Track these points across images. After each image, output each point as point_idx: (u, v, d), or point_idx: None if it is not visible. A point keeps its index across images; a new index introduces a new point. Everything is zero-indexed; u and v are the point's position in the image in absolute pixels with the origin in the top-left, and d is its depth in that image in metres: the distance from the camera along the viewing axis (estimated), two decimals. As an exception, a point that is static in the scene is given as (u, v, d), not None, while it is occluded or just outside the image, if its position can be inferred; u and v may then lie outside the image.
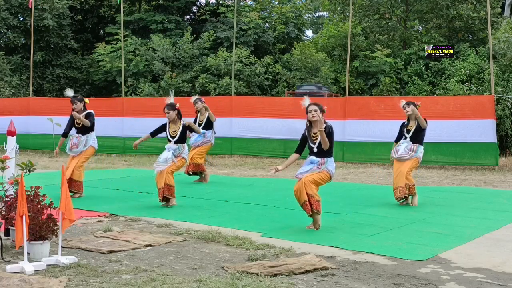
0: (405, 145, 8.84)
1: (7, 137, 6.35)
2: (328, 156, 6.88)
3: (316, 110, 6.80)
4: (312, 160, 6.90)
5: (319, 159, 6.85)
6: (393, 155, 8.96)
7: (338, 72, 22.04)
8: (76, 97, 9.47)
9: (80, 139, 9.34)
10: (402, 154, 8.80)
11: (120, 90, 21.92)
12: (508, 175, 13.57)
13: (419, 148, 8.84)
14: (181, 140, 8.74)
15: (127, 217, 7.62)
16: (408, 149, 8.80)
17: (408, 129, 8.91)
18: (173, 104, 8.76)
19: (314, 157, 6.89)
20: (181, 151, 8.70)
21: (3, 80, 23.20)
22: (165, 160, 8.57)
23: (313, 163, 6.86)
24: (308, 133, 6.97)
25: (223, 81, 21.58)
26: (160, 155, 8.73)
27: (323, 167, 6.83)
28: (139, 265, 5.14)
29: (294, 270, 4.98)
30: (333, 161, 6.97)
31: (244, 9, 25.95)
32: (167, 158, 8.56)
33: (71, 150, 9.37)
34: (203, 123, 11.39)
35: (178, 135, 8.69)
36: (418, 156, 8.86)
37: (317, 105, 6.85)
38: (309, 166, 6.87)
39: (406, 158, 8.77)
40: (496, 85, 17.78)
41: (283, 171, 13.84)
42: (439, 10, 22.30)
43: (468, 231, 6.87)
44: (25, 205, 5.02)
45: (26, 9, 23.75)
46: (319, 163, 6.83)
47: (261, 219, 7.59)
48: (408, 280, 4.84)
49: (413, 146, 8.80)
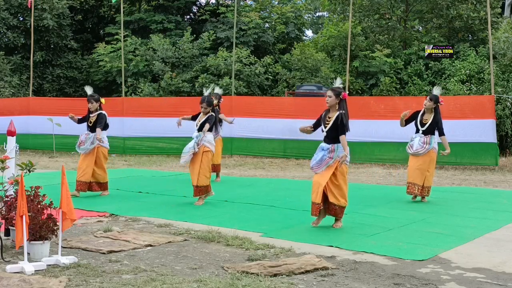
0: (418, 139, 8.96)
1: (7, 137, 6.35)
2: (339, 142, 6.91)
3: (331, 96, 6.92)
4: (322, 147, 6.96)
5: (329, 146, 6.90)
6: (409, 150, 9.08)
7: (338, 72, 22.03)
8: (93, 96, 9.63)
9: (88, 136, 9.44)
10: (418, 149, 8.91)
11: (120, 90, 21.92)
12: (508, 175, 13.57)
13: (432, 139, 8.97)
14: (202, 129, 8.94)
15: (127, 217, 7.62)
16: (422, 142, 8.93)
17: (423, 122, 9.00)
18: (212, 101, 9.08)
19: (325, 143, 6.96)
20: (201, 137, 8.82)
21: (3, 80, 23.20)
22: (188, 149, 8.74)
23: (323, 150, 6.91)
24: (324, 116, 7.06)
25: (223, 81, 21.57)
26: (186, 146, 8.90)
27: (334, 155, 6.85)
28: (139, 265, 5.14)
29: (294, 270, 4.98)
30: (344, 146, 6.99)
31: (244, 9, 25.95)
32: (190, 147, 8.74)
33: (79, 147, 9.50)
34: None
35: (200, 124, 8.94)
36: (434, 148, 9.00)
37: (333, 91, 6.96)
38: (320, 153, 6.92)
39: (422, 152, 8.92)
40: (496, 85, 17.79)
41: (284, 172, 13.87)
42: (439, 10, 22.30)
43: (468, 231, 6.87)
44: (25, 205, 5.02)
45: (26, 9, 23.75)
46: (329, 150, 6.87)
47: (261, 219, 7.59)
48: (408, 280, 4.84)
49: (426, 138, 8.97)
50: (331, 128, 6.89)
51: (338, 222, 7.01)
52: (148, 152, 17.93)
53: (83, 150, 9.43)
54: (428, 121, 8.96)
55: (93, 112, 9.58)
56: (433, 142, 8.99)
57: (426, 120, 8.98)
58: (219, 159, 11.60)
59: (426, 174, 8.99)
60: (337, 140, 6.91)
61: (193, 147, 8.65)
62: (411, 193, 8.99)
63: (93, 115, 9.57)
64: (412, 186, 8.96)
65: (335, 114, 6.91)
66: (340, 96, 6.92)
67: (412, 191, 8.97)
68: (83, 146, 9.43)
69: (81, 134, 9.63)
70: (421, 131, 9.00)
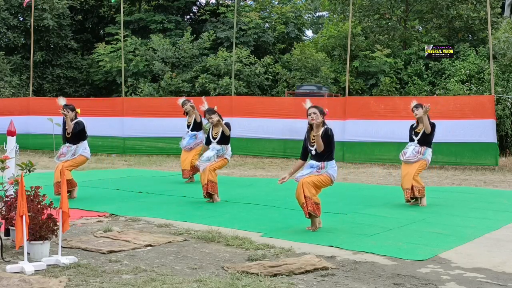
0: (413, 148, 8.85)
1: (7, 137, 6.35)
2: (328, 160, 6.80)
3: (316, 113, 6.74)
4: (311, 165, 6.85)
5: (319, 164, 6.79)
6: (401, 157, 8.99)
7: (338, 72, 22.04)
8: (68, 106, 9.17)
9: (69, 149, 9.13)
10: (410, 157, 8.81)
11: (120, 90, 21.92)
12: (508, 175, 13.57)
13: (426, 151, 8.82)
14: (223, 141, 9.13)
15: (127, 217, 7.62)
16: (416, 152, 8.81)
17: (417, 131, 8.88)
18: (213, 109, 9.20)
19: (314, 161, 6.85)
20: (225, 152, 9.14)
21: (3, 80, 23.20)
22: (207, 159, 8.97)
23: (312, 167, 6.81)
24: (308, 136, 6.93)
25: (223, 81, 21.58)
26: (204, 154, 9.15)
27: (323, 171, 6.77)
28: (139, 265, 5.14)
29: (294, 270, 4.98)
30: (335, 165, 6.88)
31: (244, 9, 25.95)
32: (209, 156, 8.98)
33: (59, 159, 9.16)
34: (191, 124, 11.36)
35: (219, 136, 9.09)
36: (426, 159, 8.84)
37: (317, 108, 6.79)
38: (309, 170, 6.82)
39: (413, 160, 8.78)
40: (496, 85, 17.79)
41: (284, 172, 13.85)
42: (439, 10, 22.31)
43: (468, 231, 6.87)
44: (25, 205, 5.02)
45: (26, 9, 23.75)
46: (318, 167, 6.77)
47: (261, 219, 7.59)
48: (408, 280, 4.84)
49: (421, 148, 8.79)
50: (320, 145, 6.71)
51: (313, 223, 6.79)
52: (148, 152, 17.93)
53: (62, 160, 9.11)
54: (421, 129, 8.87)
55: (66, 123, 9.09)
56: (427, 154, 8.84)
57: (420, 130, 8.90)
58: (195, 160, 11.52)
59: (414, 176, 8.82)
60: (328, 158, 6.79)
61: (214, 158, 8.94)
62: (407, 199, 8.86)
63: (67, 127, 9.10)
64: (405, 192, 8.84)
65: (320, 130, 6.69)
66: (324, 113, 6.79)
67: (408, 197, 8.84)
68: (63, 158, 9.10)
69: (62, 146, 9.25)
70: (416, 141, 8.90)
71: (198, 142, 11.31)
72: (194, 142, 11.31)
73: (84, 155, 9.23)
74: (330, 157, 6.82)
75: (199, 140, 11.32)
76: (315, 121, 6.71)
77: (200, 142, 11.34)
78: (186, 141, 11.38)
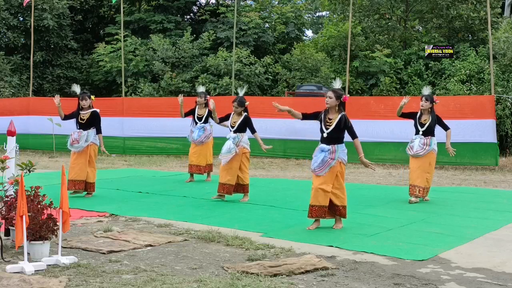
0: (419, 140, 8.97)
1: (7, 137, 6.35)
2: (339, 143, 6.86)
3: (331, 97, 6.82)
4: (322, 148, 6.85)
5: (329, 147, 6.81)
6: (409, 152, 9.09)
7: (338, 72, 22.04)
8: (86, 93, 9.44)
9: (81, 135, 9.26)
10: (418, 151, 8.92)
11: (120, 90, 21.92)
12: (508, 175, 13.57)
13: (432, 141, 8.98)
14: (240, 130, 9.11)
15: (127, 217, 7.62)
16: (422, 144, 8.94)
17: (422, 122, 9.03)
18: (244, 102, 9.23)
19: (324, 144, 6.86)
20: (240, 139, 9.06)
21: (3, 80, 23.20)
22: (228, 150, 8.94)
23: (324, 151, 6.82)
24: (324, 116, 6.94)
25: (223, 81, 21.58)
26: (223, 146, 9.09)
27: (336, 155, 6.79)
28: (139, 265, 5.14)
29: (294, 270, 4.97)
30: (344, 147, 6.93)
31: (244, 9, 25.95)
32: (229, 147, 8.95)
33: (72, 146, 9.29)
34: (202, 117, 11.25)
35: (237, 125, 9.10)
36: (433, 149, 9.02)
37: (334, 92, 6.86)
38: (321, 155, 6.81)
39: (422, 153, 8.94)
40: (496, 85, 17.79)
41: (284, 172, 13.86)
42: (439, 10, 22.31)
43: (468, 231, 6.87)
44: (25, 205, 5.02)
45: (26, 9, 23.76)
46: (330, 151, 6.79)
47: (261, 219, 7.58)
48: (408, 280, 4.83)
49: (426, 139, 8.96)
50: (334, 130, 6.80)
51: (339, 223, 6.98)
52: (148, 152, 17.93)
53: (77, 148, 9.25)
54: (427, 121, 8.99)
55: (84, 109, 9.37)
56: (433, 143, 9.01)
57: (425, 121, 9.01)
58: (212, 159, 11.55)
59: (427, 175, 9.01)
60: (338, 141, 6.84)
61: (234, 148, 8.90)
62: (412, 194, 8.96)
63: (85, 112, 9.36)
64: (413, 188, 8.95)
65: (337, 116, 6.81)
66: (341, 99, 6.85)
67: (413, 193, 8.94)
68: (77, 145, 9.23)
69: (72, 132, 9.39)
70: (421, 132, 9.02)
71: (208, 134, 11.27)
72: (204, 134, 11.23)
73: (95, 142, 9.40)
74: (341, 139, 6.89)
75: (208, 132, 11.28)
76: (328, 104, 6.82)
77: (209, 135, 11.32)
78: (196, 134, 11.22)
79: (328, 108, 6.92)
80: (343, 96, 6.88)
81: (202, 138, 11.21)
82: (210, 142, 11.38)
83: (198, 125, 11.28)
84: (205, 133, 11.23)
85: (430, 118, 9.00)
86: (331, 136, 6.83)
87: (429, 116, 9.01)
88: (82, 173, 9.22)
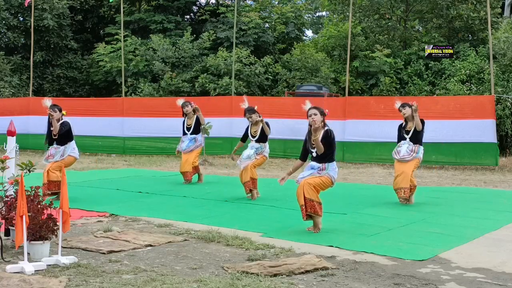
0: (407, 146, 8.88)
1: (7, 137, 6.35)
2: (329, 161, 6.76)
3: (316, 114, 6.72)
4: (312, 166, 6.81)
5: (319, 165, 6.75)
6: (395, 156, 8.99)
7: (338, 72, 22.04)
8: (56, 106, 9.05)
9: (57, 150, 9.03)
10: (404, 156, 8.84)
11: (120, 90, 21.93)
12: (508, 175, 13.57)
13: (419, 149, 8.91)
14: (262, 139, 9.39)
15: (127, 217, 7.62)
16: (410, 150, 8.86)
17: (407, 130, 8.96)
18: (253, 109, 9.49)
19: (314, 162, 6.81)
20: (263, 149, 9.43)
21: (3, 80, 23.21)
22: (248, 157, 9.29)
23: (313, 169, 6.78)
24: (308, 137, 6.88)
25: (223, 81, 21.58)
26: (244, 152, 9.43)
27: (324, 172, 6.74)
28: (139, 265, 5.14)
29: (294, 270, 4.97)
30: (335, 166, 6.85)
31: (244, 9, 25.95)
32: (249, 155, 9.30)
33: (47, 160, 9.05)
34: (191, 127, 11.21)
35: (258, 135, 9.37)
36: (419, 157, 8.95)
37: (317, 109, 6.77)
38: (310, 171, 6.79)
39: (408, 159, 8.83)
40: (496, 85, 17.79)
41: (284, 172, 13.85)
42: (439, 10, 22.31)
43: (468, 231, 6.86)
44: (25, 205, 5.02)
45: (26, 9, 23.77)
46: (319, 168, 6.74)
47: (261, 219, 7.59)
48: (408, 280, 4.83)
49: (414, 147, 8.86)
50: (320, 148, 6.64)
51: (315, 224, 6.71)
52: (148, 152, 17.93)
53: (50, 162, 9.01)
54: (412, 128, 8.91)
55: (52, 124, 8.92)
56: (420, 152, 8.90)
57: (410, 127, 8.95)
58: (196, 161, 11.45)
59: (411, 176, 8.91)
60: (329, 159, 6.75)
61: (253, 155, 9.25)
62: (404, 198, 8.88)
63: (53, 128, 8.92)
64: (399, 191, 8.88)
65: (320, 133, 6.68)
66: (325, 114, 6.77)
67: (400, 195, 8.88)
68: (52, 159, 8.98)
69: (50, 148, 9.08)
70: (408, 139, 8.93)
71: (198, 145, 11.29)
72: (194, 145, 11.22)
73: (73, 155, 9.12)
74: (331, 158, 6.78)
75: (198, 143, 11.29)
76: (316, 123, 6.69)
77: (199, 145, 11.32)
78: (186, 144, 11.21)
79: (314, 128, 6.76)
80: (324, 111, 6.81)
81: (191, 148, 11.21)
82: (198, 149, 11.36)
83: (189, 136, 11.22)
84: (196, 144, 11.24)
85: (413, 124, 8.88)
86: (320, 154, 6.72)
87: (413, 123, 8.89)
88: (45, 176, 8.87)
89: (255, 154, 9.31)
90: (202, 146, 11.60)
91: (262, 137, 9.38)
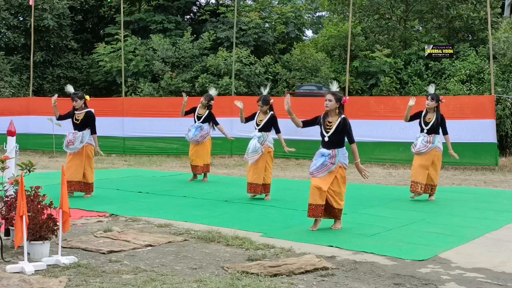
0: (422, 138, 9.13)
1: (7, 137, 6.34)
2: (339, 147, 6.80)
3: (331, 100, 6.77)
4: (323, 153, 6.81)
5: (330, 151, 6.76)
6: (412, 149, 9.31)
7: (338, 72, 22.04)
8: (77, 94, 9.31)
9: (76, 136, 9.19)
10: (420, 148, 9.05)
11: (120, 90, 21.92)
12: (508, 175, 13.57)
13: (435, 138, 9.08)
14: (265, 129, 9.26)
15: (127, 217, 7.62)
16: (425, 142, 9.06)
17: (426, 121, 9.13)
18: (268, 100, 9.40)
19: (324, 149, 6.81)
20: (265, 138, 9.20)
21: (3, 80, 23.20)
22: (254, 150, 9.12)
23: (324, 156, 6.78)
24: (323, 120, 6.89)
25: (223, 81, 21.58)
26: (249, 144, 9.24)
27: (336, 160, 6.75)
28: (139, 265, 5.14)
29: (294, 270, 4.97)
30: (345, 151, 6.88)
31: (244, 9, 25.95)
32: (255, 147, 9.11)
33: (68, 147, 9.23)
34: (202, 117, 11.25)
35: (263, 124, 9.21)
36: (437, 147, 9.14)
37: (334, 95, 6.81)
38: (321, 159, 6.78)
39: (424, 151, 9.07)
40: (496, 85, 17.79)
41: (284, 172, 13.86)
42: (439, 10, 22.31)
43: (468, 231, 6.87)
44: (25, 205, 5.02)
45: (26, 9, 23.75)
46: (330, 155, 6.75)
47: (261, 219, 7.59)
48: (408, 280, 4.84)
49: (429, 137, 9.10)
50: (334, 133, 6.75)
51: (338, 223, 6.96)
52: (148, 152, 17.93)
53: (72, 149, 9.19)
54: (432, 120, 9.07)
55: (78, 110, 9.27)
56: (436, 141, 9.10)
57: (430, 119, 9.10)
58: (209, 159, 11.53)
59: (432, 172, 9.10)
60: (339, 145, 6.79)
61: (260, 147, 9.06)
62: (414, 191, 9.09)
63: (79, 113, 9.25)
64: (415, 184, 9.10)
65: (336, 119, 6.76)
66: (341, 101, 6.81)
67: (415, 190, 9.09)
68: (72, 146, 9.16)
69: (68, 133, 9.32)
70: (425, 131, 9.11)
71: (204, 134, 11.25)
72: (200, 134, 11.21)
73: (91, 143, 9.33)
74: (341, 143, 6.84)
75: (205, 132, 11.26)
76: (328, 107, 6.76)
77: (206, 135, 11.30)
78: (192, 132, 11.24)
79: (327, 111, 6.85)
80: (343, 98, 6.86)
81: (197, 138, 11.20)
82: (207, 142, 11.35)
83: (196, 124, 11.28)
84: (201, 133, 11.21)
85: (434, 117, 9.07)
86: (332, 140, 6.77)
87: (433, 115, 9.10)
88: (78, 174, 9.17)
89: (261, 146, 9.08)
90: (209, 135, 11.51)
91: (266, 126, 9.27)
